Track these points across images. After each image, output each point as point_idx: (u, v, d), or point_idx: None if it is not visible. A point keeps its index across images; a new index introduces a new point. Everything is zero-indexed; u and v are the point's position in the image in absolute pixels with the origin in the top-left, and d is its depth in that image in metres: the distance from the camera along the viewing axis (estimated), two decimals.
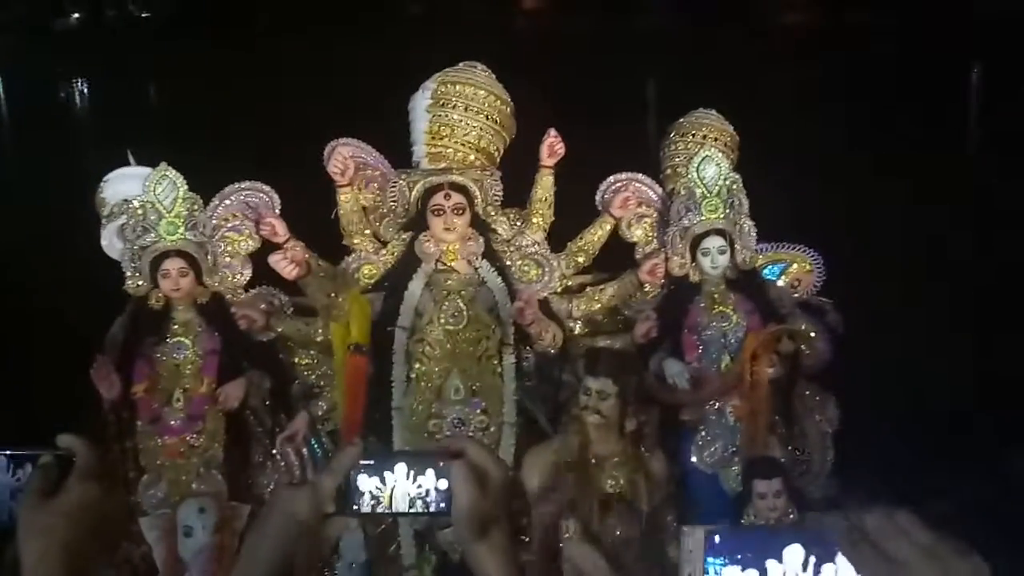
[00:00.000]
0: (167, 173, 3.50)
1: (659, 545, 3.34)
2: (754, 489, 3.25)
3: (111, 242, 3.58)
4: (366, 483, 1.04)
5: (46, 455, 1.05)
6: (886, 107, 4.91)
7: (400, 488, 1.04)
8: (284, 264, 3.57)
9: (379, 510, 1.04)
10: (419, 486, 1.04)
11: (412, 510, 1.04)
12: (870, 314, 4.25)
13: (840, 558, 0.75)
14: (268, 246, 3.66)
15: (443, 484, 1.03)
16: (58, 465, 1.04)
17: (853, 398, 3.82)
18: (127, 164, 3.64)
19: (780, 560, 0.75)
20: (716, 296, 3.70)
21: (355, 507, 1.04)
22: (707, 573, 0.76)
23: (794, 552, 0.75)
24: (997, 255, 4.84)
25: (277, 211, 3.70)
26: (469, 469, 1.02)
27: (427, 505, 1.03)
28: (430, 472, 1.04)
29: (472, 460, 1.04)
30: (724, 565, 0.76)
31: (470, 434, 3.43)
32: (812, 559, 0.75)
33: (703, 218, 3.67)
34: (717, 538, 0.76)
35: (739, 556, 0.76)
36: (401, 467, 1.04)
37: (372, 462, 1.05)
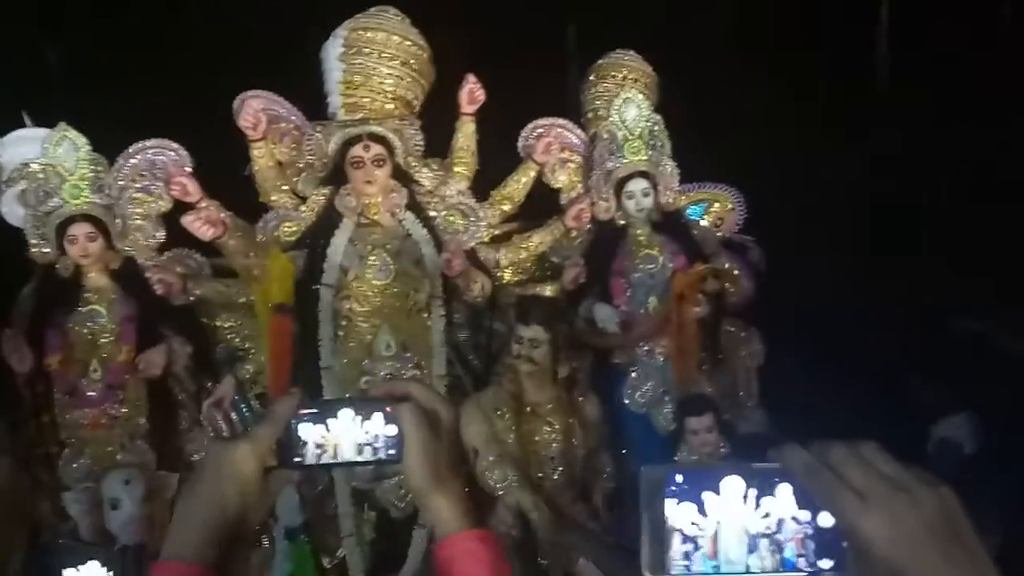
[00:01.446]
0: (67, 133, 3.34)
1: (596, 487, 3.40)
2: (686, 427, 3.32)
3: (11, 209, 3.41)
4: (309, 432, 0.97)
5: None
6: (806, 45, 4.94)
7: (346, 436, 0.97)
8: (199, 225, 3.44)
9: (325, 460, 0.98)
10: (366, 432, 0.97)
11: (360, 458, 0.98)
12: (791, 251, 4.33)
13: (780, 491, 0.73)
14: (181, 207, 3.51)
15: (391, 430, 0.97)
16: None
17: (776, 332, 3.90)
18: (23, 126, 3.45)
19: (719, 492, 0.73)
20: (642, 239, 3.72)
21: (298, 459, 0.97)
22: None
23: (734, 484, 0.73)
24: (921, 191, 4.97)
25: (188, 169, 3.54)
26: (418, 411, 0.97)
27: (376, 452, 0.97)
28: (377, 417, 0.98)
29: (420, 402, 0.99)
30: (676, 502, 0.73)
31: None
32: (753, 492, 0.73)
33: (626, 161, 3.67)
34: (679, 477, 0.74)
35: (678, 490, 0.73)
36: (346, 413, 0.97)
37: (314, 410, 0.98)
